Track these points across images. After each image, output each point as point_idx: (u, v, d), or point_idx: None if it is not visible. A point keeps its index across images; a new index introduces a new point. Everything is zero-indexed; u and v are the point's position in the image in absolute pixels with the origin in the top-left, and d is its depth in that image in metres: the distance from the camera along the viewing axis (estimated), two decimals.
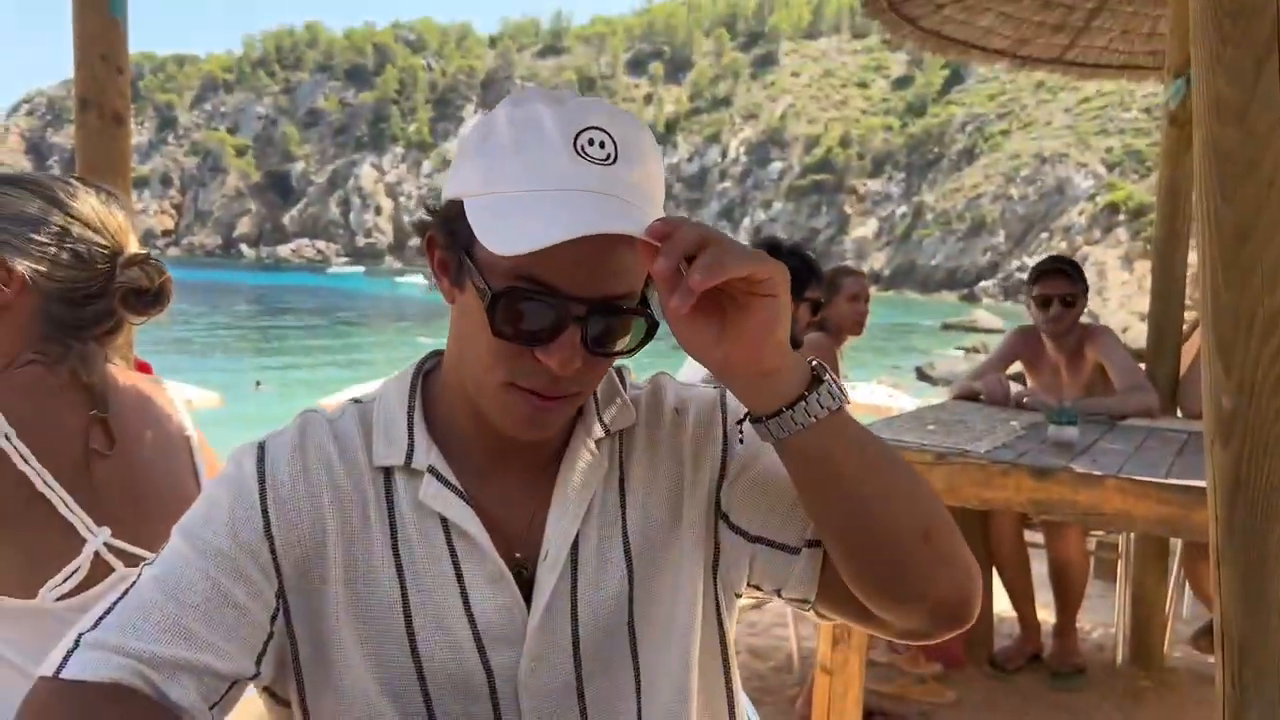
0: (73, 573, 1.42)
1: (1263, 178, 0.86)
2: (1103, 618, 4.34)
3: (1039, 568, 3.91)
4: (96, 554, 1.44)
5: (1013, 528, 3.77)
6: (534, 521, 1.05)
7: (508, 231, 0.89)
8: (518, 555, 1.05)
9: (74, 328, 1.50)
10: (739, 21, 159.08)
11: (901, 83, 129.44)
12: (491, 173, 0.95)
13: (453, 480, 1.04)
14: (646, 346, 0.99)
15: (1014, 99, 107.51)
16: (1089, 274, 4.01)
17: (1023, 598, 3.87)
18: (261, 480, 1.03)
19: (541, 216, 0.89)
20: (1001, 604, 4.00)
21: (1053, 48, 5.15)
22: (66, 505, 1.43)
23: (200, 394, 5.75)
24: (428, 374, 1.13)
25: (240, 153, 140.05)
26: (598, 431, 1.09)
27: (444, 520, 1.03)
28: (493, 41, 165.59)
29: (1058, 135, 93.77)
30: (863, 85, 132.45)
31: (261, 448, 1.06)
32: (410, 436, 1.05)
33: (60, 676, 0.91)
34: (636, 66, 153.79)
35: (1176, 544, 4.09)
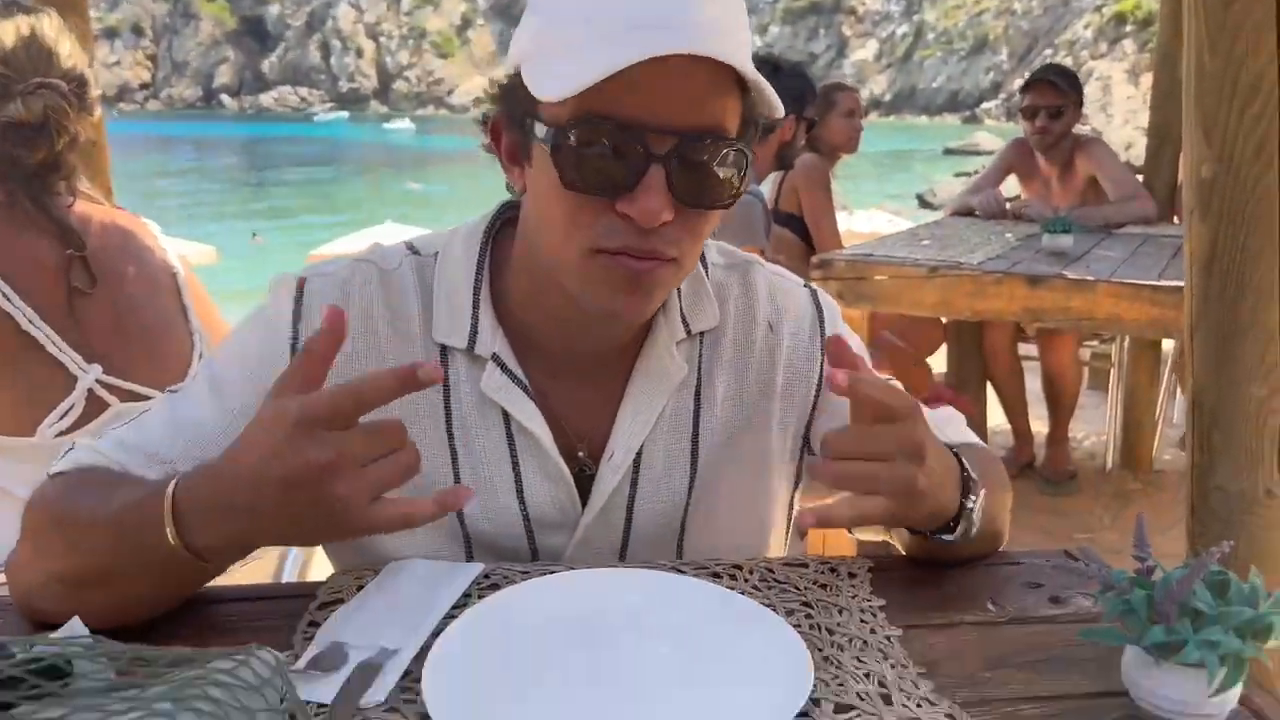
0: (68, 410, 1.44)
1: None
2: (1095, 427, 4.43)
3: (1033, 382, 3.97)
4: (90, 391, 1.45)
5: (1007, 340, 3.80)
6: (600, 420, 1.00)
7: (564, 72, 0.80)
8: (580, 454, 1.00)
9: (5, 166, 1.45)
10: None
11: None
12: (545, 27, 0.86)
13: (518, 372, 0.97)
14: None
15: None
16: (1094, 89, 3.94)
17: (1016, 409, 3.94)
18: (295, 324, 0.95)
19: (602, 50, 0.78)
20: (996, 418, 4.08)
21: None
22: (54, 343, 1.43)
23: (195, 249, 5.69)
24: (498, 239, 1.01)
25: None
26: (679, 331, 1.01)
27: (506, 414, 0.97)
28: None
29: None
30: None
31: (301, 287, 0.97)
32: (475, 316, 0.96)
33: (50, 475, 0.93)
34: None
35: (1168, 352, 4.14)
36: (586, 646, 0.85)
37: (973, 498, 0.90)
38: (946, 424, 1.09)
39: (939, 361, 4.08)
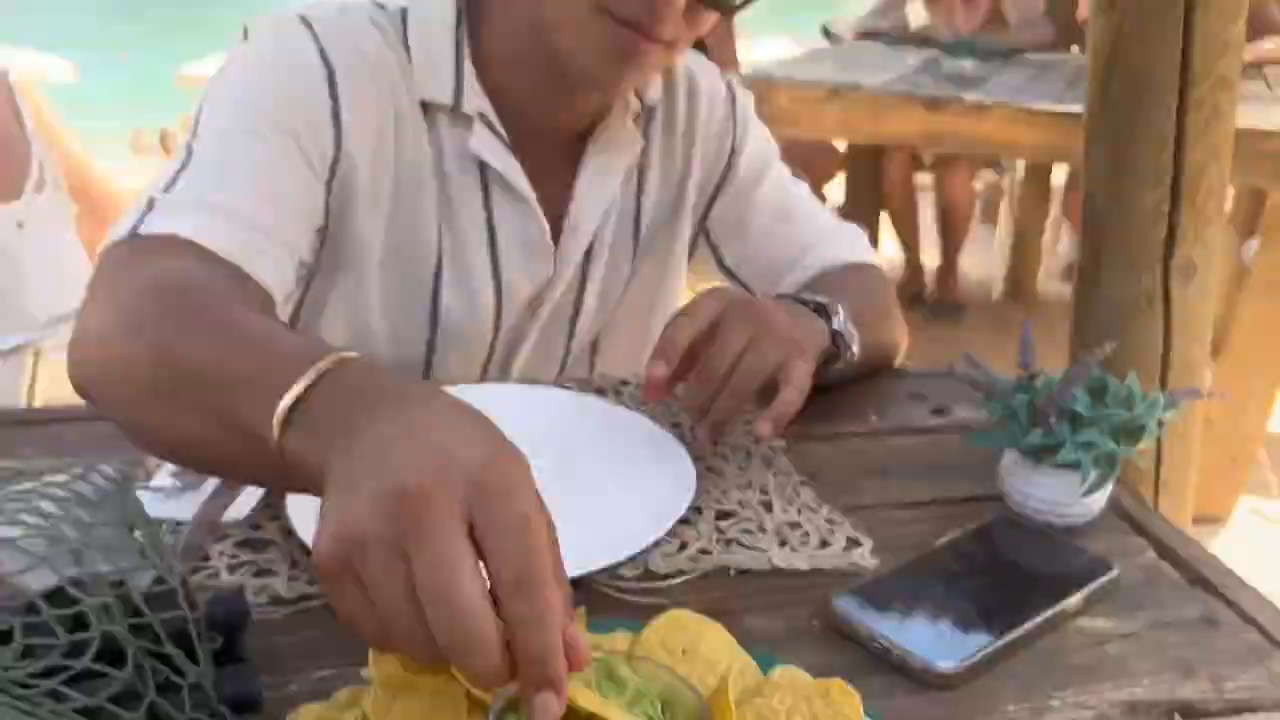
0: None
1: None
2: (983, 260, 4.52)
3: (926, 215, 4.00)
4: None
5: (903, 168, 3.80)
6: (562, 189, 0.98)
7: None
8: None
9: None
10: None
11: None
12: None
13: (503, 132, 0.93)
14: None
15: None
16: None
17: (908, 239, 3.98)
18: (326, 60, 0.86)
19: None
20: (889, 249, 4.12)
21: None
22: None
23: (53, 63, 5.20)
24: None
25: None
26: (635, 105, 0.99)
27: (483, 174, 0.94)
28: None
29: None
30: None
31: (308, 24, 0.87)
32: (458, 73, 0.91)
33: (139, 234, 0.76)
34: None
35: (1058, 187, 4.21)
36: None
37: (836, 318, 0.90)
38: (824, 243, 1.09)
39: (836, 191, 4.07)
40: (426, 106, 0.92)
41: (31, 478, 0.60)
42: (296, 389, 0.52)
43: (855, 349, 0.92)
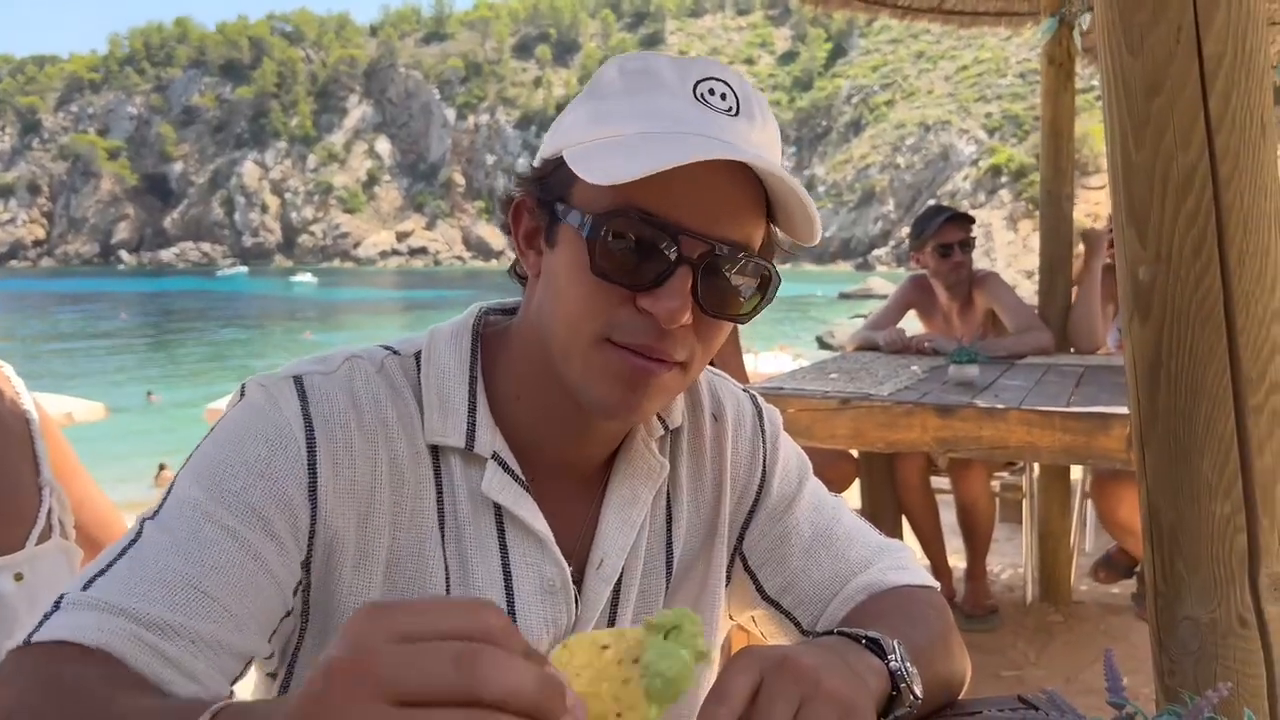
0: None
1: (1171, 22, 0.79)
2: (1011, 559, 4.40)
3: (947, 516, 3.94)
4: None
5: (919, 474, 3.78)
6: (585, 524, 0.94)
7: (615, 162, 0.78)
8: (571, 566, 0.92)
9: None
10: (624, 2, 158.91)
11: (787, 58, 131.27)
12: (599, 115, 0.84)
13: (519, 471, 0.90)
14: None
15: (896, 69, 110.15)
16: (977, 236, 4.05)
17: (932, 543, 3.88)
18: (309, 426, 0.84)
19: (655, 149, 0.78)
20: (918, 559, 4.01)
21: None
22: None
23: (83, 406, 5.37)
24: (485, 338, 0.95)
25: (113, 155, 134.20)
26: (657, 428, 0.98)
27: (499, 515, 0.90)
28: (373, 30, 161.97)
29: (940, 103, 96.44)
30: (749, 61, 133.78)
31: (300, 384, 0.86)
32: (472, 414, 0.89)
33: (31, 641, 0.73)
34: (523, 50, 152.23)
35: (1077, 481, 4.17)
36: None
37: (893, 657, 0.82)
38: (869, 565, 1.03)
39: (853, 497, 4.03)
40: (438, 449, 0.89)
41: None
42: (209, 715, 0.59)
43: (918, 689, 0.82)
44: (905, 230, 4.11)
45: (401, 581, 0.87)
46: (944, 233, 3.89)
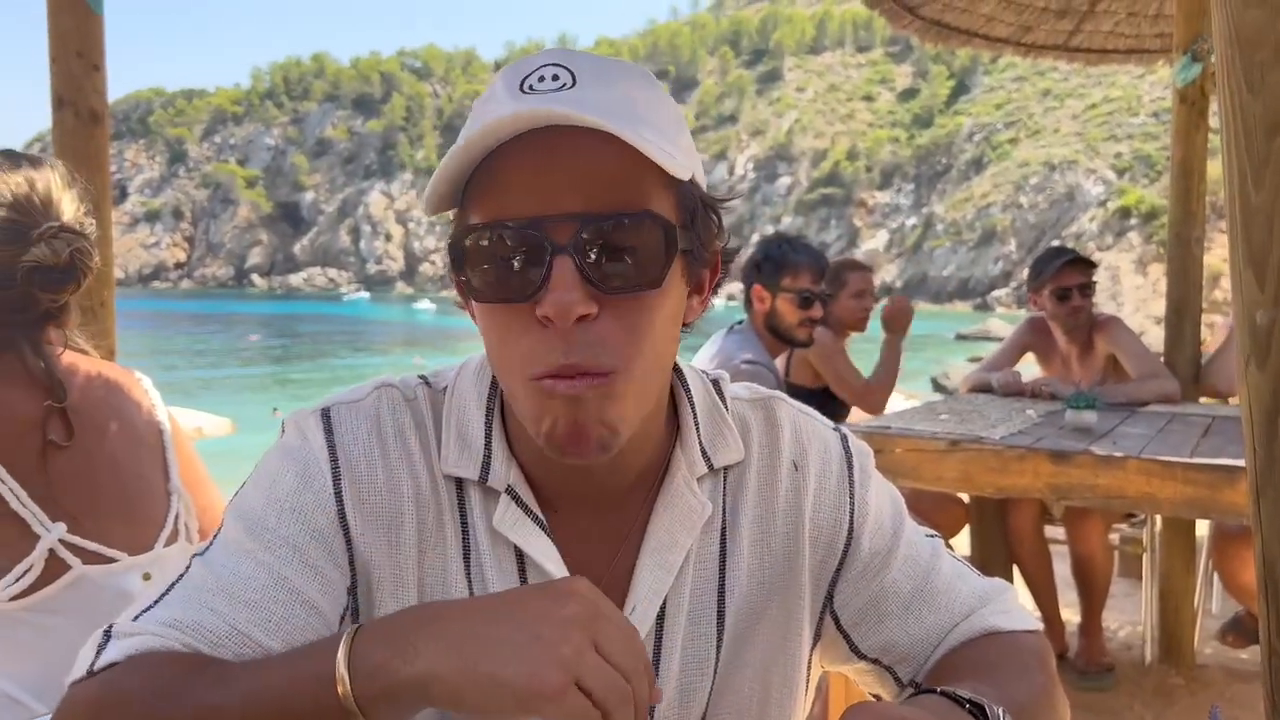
0: (25, 571, 1.33)
1: None
2: (1129, 616, 4.20)
3: (1061, 568, 3.79)
4: (51, 551, 1.35)
5: (1033, 522, 3.65)
6: (616, 565, 0.90)
7: (439, 177, 0.78)
8: None
9: (5, 314, 1.41)
10: (743, 39, 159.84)
11: (907, 95, 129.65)
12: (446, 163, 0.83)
13: (534, 507, 0.89)
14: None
15: (1021, 107, 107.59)
16: (1103, 279, 3.97)
17: (1045, 595, 3.74)
18: (333, 457, 0.87)
19: (473, 144, 0.76)
20: (1024, 604, 3.88)
21: (1057, 34, 5.05)
22: (18, 499, 1.34)
23: (211, 421, 5.65)
24: None
25: (250, 184, 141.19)
26: (700, 466, 0.92)
27: (519, 551, 0.88)
28: (497, 66, 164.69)
29: (1066, 142, 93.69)
30: (868, 98, 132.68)
31: (327, 416, 0.89)
32: (488, 447, 0.89)
33: (94, 671, 0.77)
34: None
35: (1203, 537, 3.96)
36: None
37: None
38: (971, 612, 0.99)
39: (962, 543, 3.91)
40: (461, 482, 0.90)
41: None
42: (348, 635, 0.71)
43: None
44: (1026, 271, 4.01)
45: None
46: (1063, 276, 3.77)
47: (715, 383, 0.99)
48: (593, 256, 0.76)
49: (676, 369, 0.94)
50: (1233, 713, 3.35)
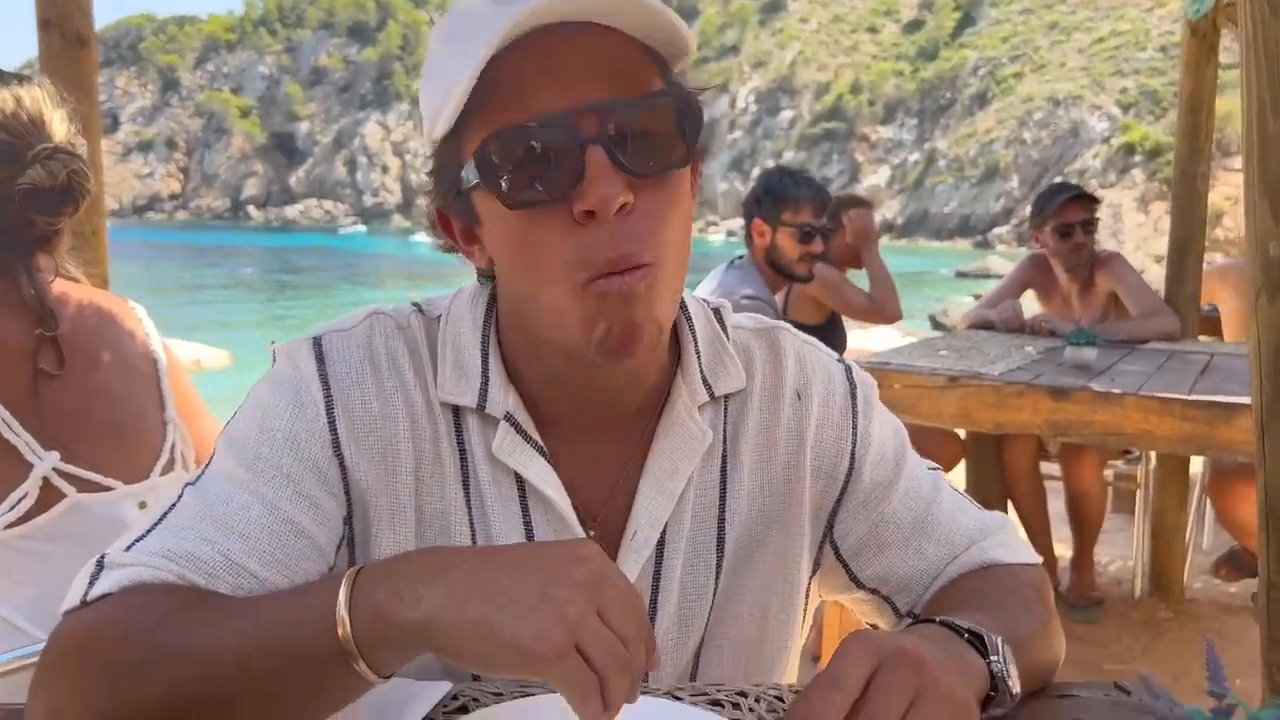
0: (20, 499, 1.33)
1: None
2: (1120, 551, 4.24)
3: (1055, 503, 3.82)
4: (45, 479, 1.35)
5: (1028, 458, 3.67)
6: (617, 492, 0.91)
7: (450, 96, 0.76)
8: (592, 533, 0.91)
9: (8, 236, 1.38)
10: None
11: (912, 27, 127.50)
12: (429, 79, 0.83)
13: (534, 434, 0.89)
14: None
15: (1027, 40, 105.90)
16: (1104, 216, 3.90)
17: (1038, 530, 3.77)
18: (326, 386, 0.87)
19: (468, 51, 0.75)
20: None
21: None
22: (9, 427, 1.33)
23: (209, 353, 5.65)
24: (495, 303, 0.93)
25: (244, 114, 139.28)
26: (701, 394, 0.93)
27: (519, 478, 0.89)
28: None
29: (1071, 77, 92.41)
30: (873, 30, 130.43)
31: (318, 344, 0.89)
32: (485, 373, 0.89)
33: (88, 601, 0.77)
34: None
35: (1196, 474, 3.99)
36: None
37: (995, 659, 0.79)
38: (971, 544, 0.99)
39: (957, 479, 3.94)
40: (458, 410, 0.90)
41: None
42: (349, 576, 0.69)
43: (1016, 690, 0.80)
44: (1028, 208, 3.97)
45: (431, 538, 0.89)
46: (1065, 212, 3.74)
47: (716, 311, 0.99)
48: (624, 142, 0.76)
49: None
50: (1221, 645, 3.41)
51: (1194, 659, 3.23)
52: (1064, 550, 3.86)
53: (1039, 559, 1.03)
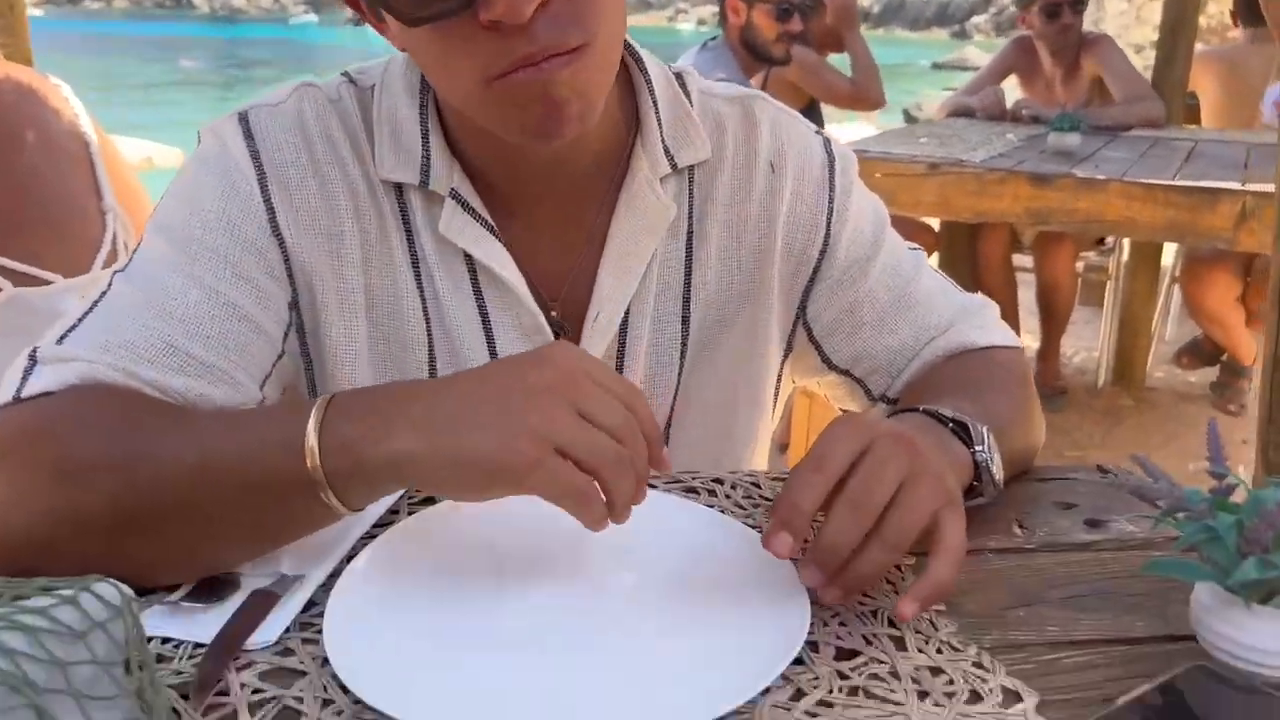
0: None
1: None
2: (1085, 342, 4.30)
3: (1025, 296, 3.83)
4: None
5: (1002, 249, 3.65)
6: (577, 272, 0.86)
7: None
8: (553, 313, 0.86)
9: None
10: None
11: None
12: None
13: (482, 211, 0.83)
14: None
15: None
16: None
17: (1007, 319, 3.79)
18: (258, 163, 0.80)
19: None
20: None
21: None
22: None
23: (161, 150, 5.42)
24: None
25: None
26: (663, 165, 0.86)
27: (469, 258, 0.84)
28: None
29: None
30: None
31: (245, 120, 0.82)
32: (425, 147, 0.82)
33: (21, 398, 0.70)
34: None
35: (1167, 266, 4.00)
36: (534, 577, 0.69)
37: (979, 449, 0.75)
38: (950, 326, 0.96)
39: None
40: (401, 187, 0.83)
41: (5, 600, 0.50)
42: (319, 405, 0.64)
43: (999, 477, 0.78)
44: None
45: (383, 321, 0.84)
46: None
47: (680, 75, 0.90)
48: None
49: (633, 52, 0.86)
50: (1178, 431, 3.50)
51: (1152, 445, 3.33)
52: (1031, 341, 3.90)
53: (1019, 341, 1.00)
